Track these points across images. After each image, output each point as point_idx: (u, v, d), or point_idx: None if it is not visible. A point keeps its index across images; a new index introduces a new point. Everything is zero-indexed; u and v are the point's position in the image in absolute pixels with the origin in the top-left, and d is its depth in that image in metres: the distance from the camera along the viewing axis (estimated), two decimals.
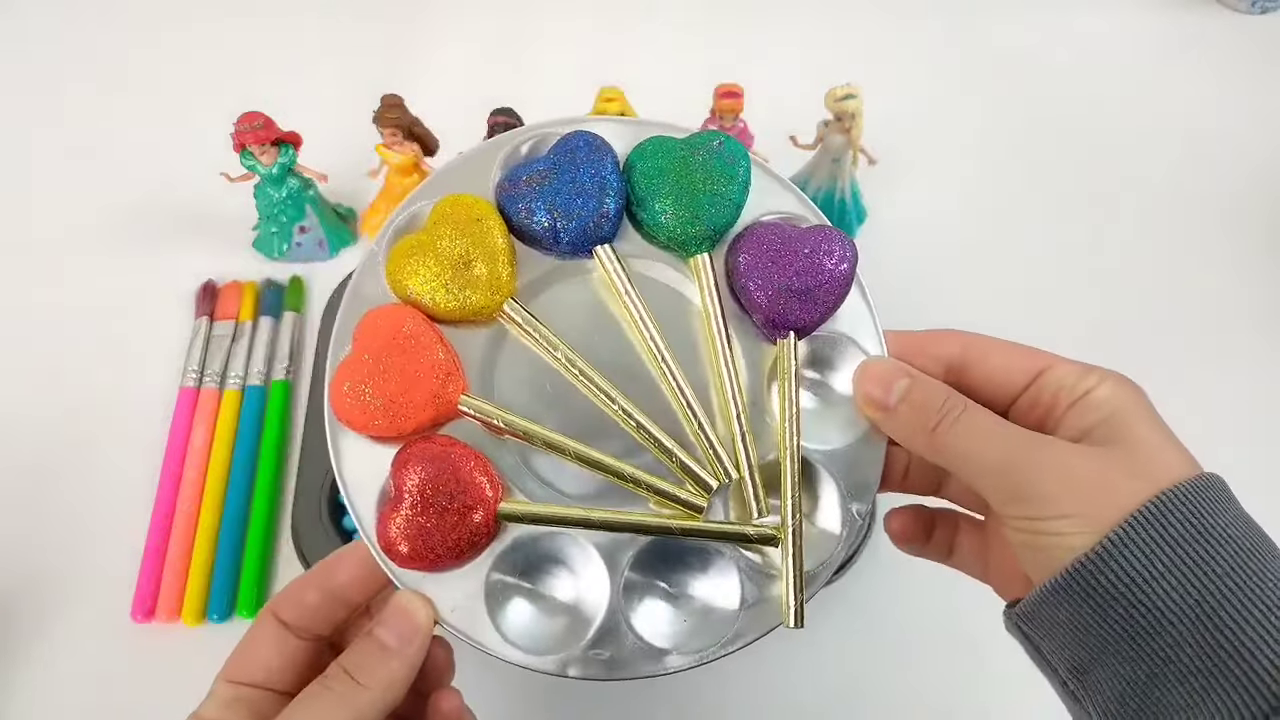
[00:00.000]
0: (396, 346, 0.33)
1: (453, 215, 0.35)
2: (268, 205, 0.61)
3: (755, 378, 0.36)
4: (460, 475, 0.32)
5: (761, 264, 0.35)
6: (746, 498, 0.34)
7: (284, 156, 0.59)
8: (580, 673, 0.33)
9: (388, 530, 0.32)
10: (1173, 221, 0.68)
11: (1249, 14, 0.79)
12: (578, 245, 0.35)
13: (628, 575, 0.33)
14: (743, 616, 0.33)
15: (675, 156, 0.35)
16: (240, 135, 0.57)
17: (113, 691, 0.50)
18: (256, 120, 0.56)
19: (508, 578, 0.33)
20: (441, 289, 0.34)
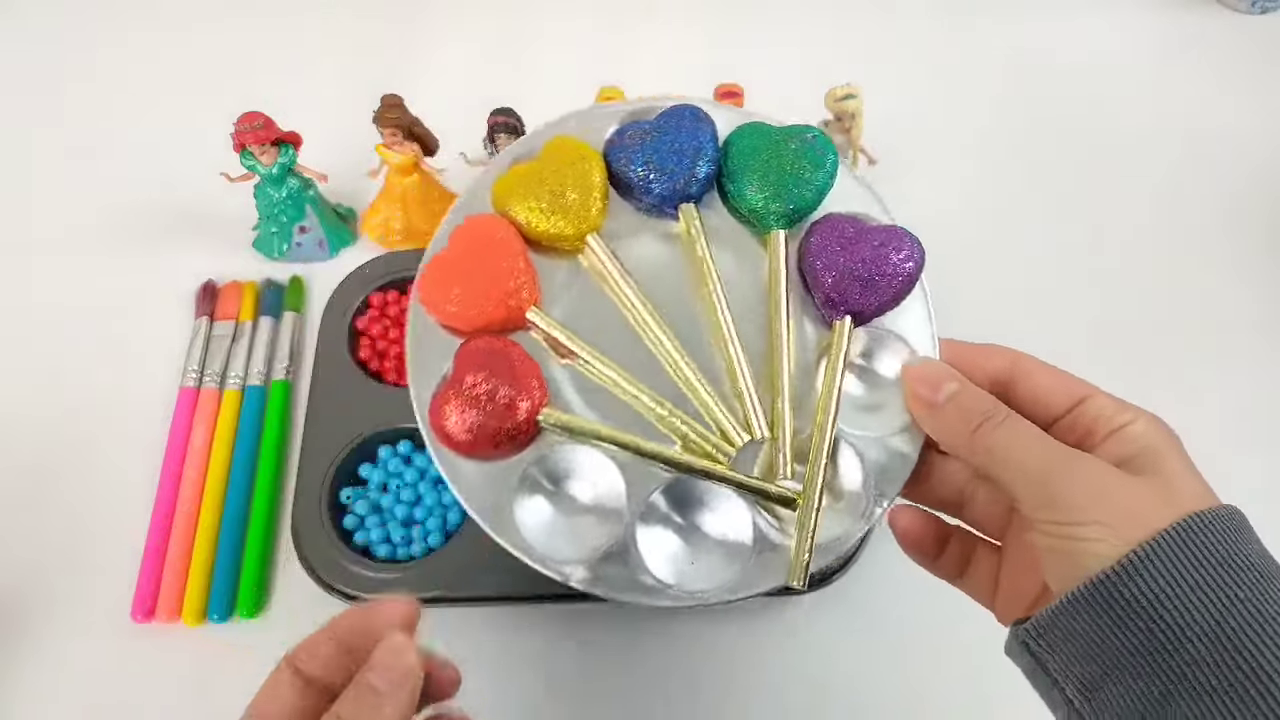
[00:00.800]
0: (485, 248, 0.37)
1: (560, 152, 0.38)
2: (268, 205, 0.61)
3: (807, 358, 0.37)
4: (514, 371, 0.35)
5: (831, 247, 0.37)
6: (775, 459, 0.35)
7: (284, 156, 0.59)
8: (582, 585, 0.34)
9: (441, 407, 0.35)
10: (1173, 221, 0.68)
11: (1249, 14, 0.79)
12: (666, 199, 0.38)
13: (647, 506, 0.35)
14: (748, 571, 0.35)
15: (770, 140, 0.38)
16: (240, 135, 0.57)
17: (113, 691, 0.50)
18: (256, 120, 0.56)
19: (535, 481, 0.35)
20: (537, 212, 0.37)
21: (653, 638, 0.52)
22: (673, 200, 0.38)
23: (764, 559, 0.35)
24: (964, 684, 0.51)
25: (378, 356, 0.59)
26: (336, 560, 0.51)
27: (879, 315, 0.37)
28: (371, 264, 0.62)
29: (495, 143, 0.58)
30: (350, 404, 0.56)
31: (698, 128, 0.38)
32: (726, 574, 0.35)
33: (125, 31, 0.78)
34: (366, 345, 0.59)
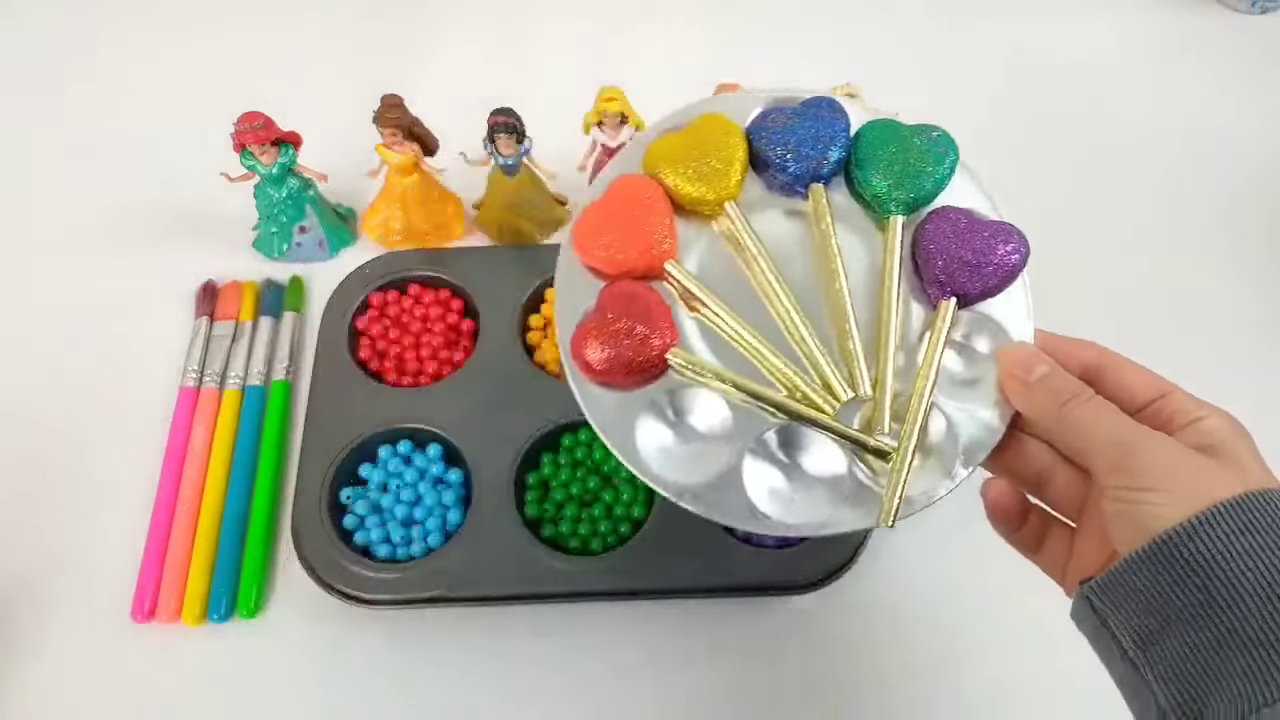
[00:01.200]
0: (635, 203, 0.41)
1: (708, 126, 0.43)
2: (268, 205, 0.61)
3: (910, 332, 0.41)
4: (650, 311, 0.39)
5: (945, 234, 0.40)
6: (875, 416, 0.39)
7: (284, 156, 0.59)
8: (690, 505, 0.38)
9: (582, 338, 0.39)
10: (1173, 221, 0.68)
11: (1249, 14, 0.79)
12: (798, 178, 0.42)
13: (757, 443, 0.39)
14: (840, 512, 0.38)
15: (898, 135, 0.42)
16: (240, 135, 0.57)
17: (113, 691, 0.50)
18: (256, 120, 0.56)
19: (660, 410, 0.39)
20: (683, 177, 0.41)
21: (653, 637, 0.52)
22: (804, 179, 0.42)
23: (856, 503, 0.38)
24: (964, 683, 0.51)
25: (378, 356, 0.59)
26: (336, 560, 0.51)
27: (982, 300, 0.41)
28: (371, 264, 0.62)
29: (495, 143, 0.58)
30: (350, 404, 0.56)
31: (834, 118, 0.43)
32: (820, 512, 0.38)
33: (125, 32, 0.78)
34: (366, 345, 0.59)
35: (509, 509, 0.52)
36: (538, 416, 0.55)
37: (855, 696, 0.50)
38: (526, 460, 0.54)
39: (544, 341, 0.59)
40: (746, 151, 0.42)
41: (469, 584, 0.51)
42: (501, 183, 0.60)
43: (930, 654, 0.52)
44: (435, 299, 0.61)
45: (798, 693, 0.50)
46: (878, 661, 0.51)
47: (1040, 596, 0.53)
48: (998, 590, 0.53)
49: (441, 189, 0.63)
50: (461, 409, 0.56)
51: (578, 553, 0.52)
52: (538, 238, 0.65)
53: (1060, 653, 0.52)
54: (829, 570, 0.51)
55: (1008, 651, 0.52)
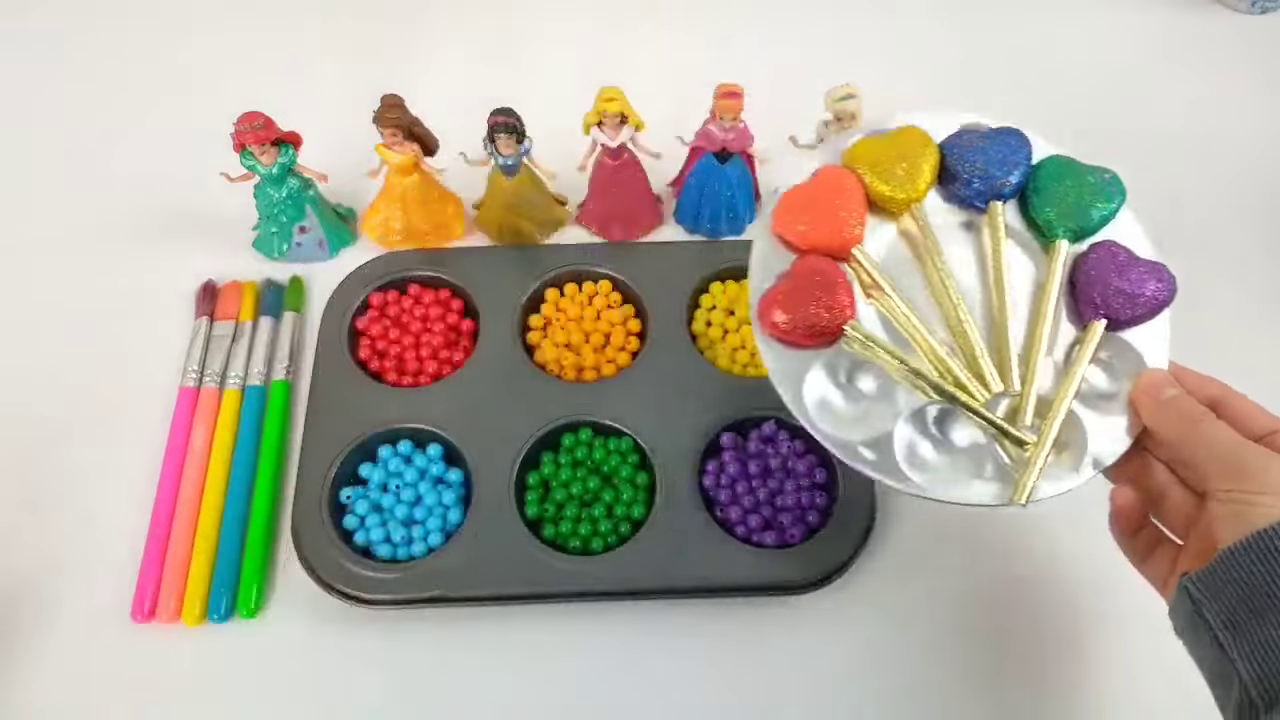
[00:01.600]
0: (835, 191, 0.46)
1: (906, 136, 0.48)
2: (267, 205, 0.61)
3: (1057, 346, 0.46)
4: (834, 281, 0.44)
5: (1104, 264, 0.46)
6: (1020, 408, 0.44)
7: (284, 156, 0.59)
8: (842, 455, 0.43)
9: (772, 296, 0.45)
10: (1172, 221, 0.67)
11: (1249, 14, 0.79)
12: (979, 195, 0.47)
13: (913, 414, 0.44)
14: (978, 488, 0.43)
15: (1075, 171, 0.48)
16: (240, 135, 0.57)
17: (113, 691, 0.50)
18: (256, 120, 0.56)
19: (832, 370, 0.45)
20: (878, 176, 0.47)
21: (652, 636, 0.52)
22: (985, 196, 0.47)
23: (992, 481, 0.43)
24: (963, 682, 0.51)
25: (378, 356, 0.59)
26: (337, 560, 0.51)
27: (1128, 327, 0.46)
28: (371, 264, 0.62)
29: (495, 143, 0.58)
30: (350, 404, 0.56)
31: (1020, 146, 0.48)
32: (960, 485, 0.43)
33: (125, 32, 0.78)
34: (367, 345, 0.59)
35: (509, 509, 0.52)
36: (538, 416, 0.55)
37: (855, 696, 0.50)
38: (527, 460, 0.54)
39: (544, 341, 0.59)
40: (937, 163, 0.48)
41: (469, 584, 0.51)
42: (501, 183, 0.60)
43: (930, 653, 0.52)
44: (435, 299, 0.61)
45: (797, 692, 0.50)
46: (877, 661, 0.51)
47: (1037, 597, 0.53)
48: (997, 589, 0.54)
49: (441, 189, 0.63)
50: (462, 409, 0.56)
51: (578, 553, 0.52)
52: (538, 238, 0.65)
53: (1059, 653, 0.52)
54: (828, 570, 0.51)
55: (1007, 650, 0.52)
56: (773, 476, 0.54)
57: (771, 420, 0.55)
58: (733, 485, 0.54)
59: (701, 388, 0.57)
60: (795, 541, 0.52)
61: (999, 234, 0.47)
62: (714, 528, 0.52)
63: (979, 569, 0.54)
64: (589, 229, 0.66)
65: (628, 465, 0.54)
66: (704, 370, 0.58)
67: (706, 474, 0.54)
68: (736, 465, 0.54)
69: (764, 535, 0.52)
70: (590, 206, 0.65)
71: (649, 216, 0.65)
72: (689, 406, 0.56)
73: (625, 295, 0.61)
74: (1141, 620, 0.53)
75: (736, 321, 0.60)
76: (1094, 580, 0.53)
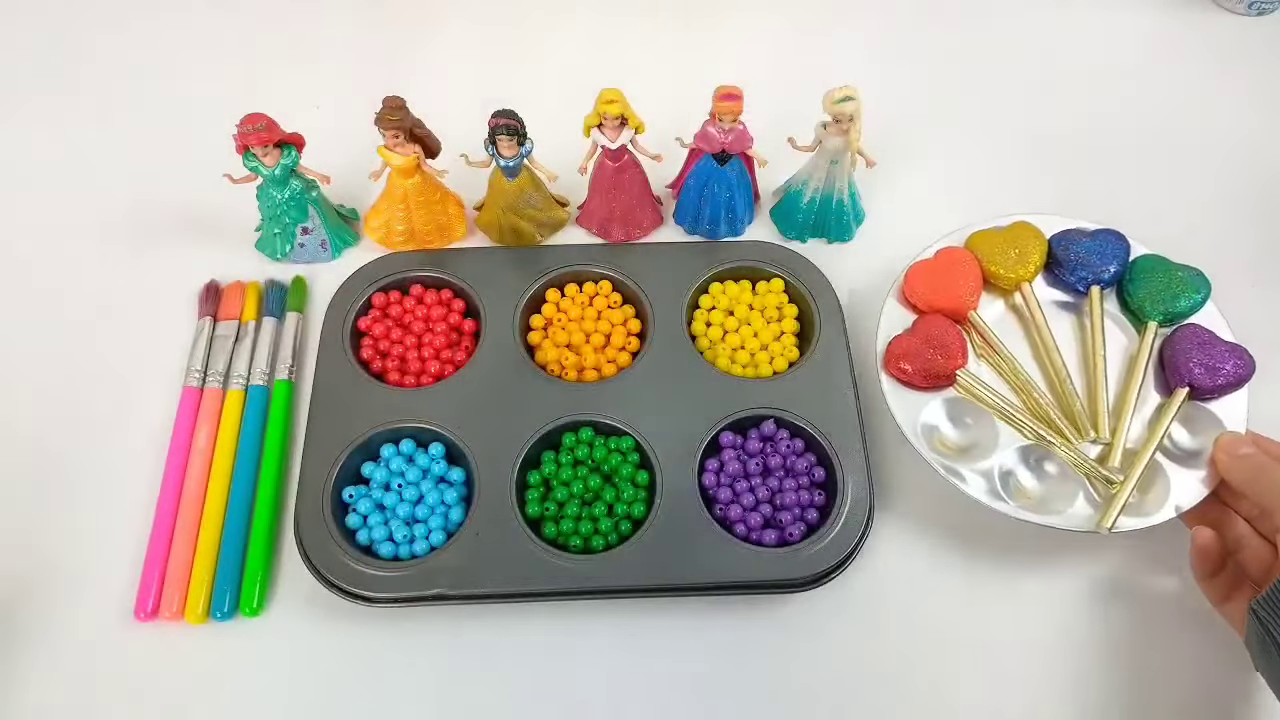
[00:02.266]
0: (957, 265, 0.58)
1: (1019, 230, 0.60)
2: (270, 206, 0.61)
3: (1145, 410, 0.55)
4: (950, 336, 0.55)
5: (1189, 341, 0.55)
6: (1110, 455, 0.53)
7: (286, 158, 0.59)
8: (958, 483, 0.52)
9: (896, 346, 0.56)
10: (1172, 221, 0.68)
11: (1245, 15, 0.80)
12: (1081, 280, 0.58)
13: (1019, 451, 0.53)
14: (1067, 515, 0.51)
15: (1166, 266, 0.58)
16: (243, 137, 0.57)
17: (116, 690, 0.50)
18: (259, 122, 0.57)
19: (948, 410, 0.55)
20: (994, 259, 0.59)
21: (652, 635, 0.52)
22: (1086, 282, 0.58)
23: (1078, 512, 0.51)
24: (962, 682, 0.51)
25: (380, 356, 0.59)
26: (339, 559, 0.51)
27: (1211, 398, 0.54)
28: (373, 264, 0.62)
29: (496, 144, 0.58)
30: (353, 404, 0.56)
31: (1120, 243, 0.59)
32: (1051, 513, 0.51)
33: (126, 33, 0.78)
34: (369, 345, 0.59)
35: (511, 508, 0.53)
36: (539, 416, 0.56)
37: (855, 694, 0.51)
38: (528, 459, 0.55)
39: (545, 341, 0.60)
40: (1045, 252, 0.59)
41: (471, 582, 0.51)
42: (502, 184, 0.61)
43: (929, 650, 0.52)
44: (437, 299, 0.61)
45: (797, 690, 0.51)
46: (877, 658, 0.52)
47: (1035, 598, 0.54)
48: (996, 587, 0.54)
49: (443, 190, 0.63)
50: (463, 409, 0.56)
51: (579, 551, 0.52)
52: (538, 239, 0.65)
53: (1057, 651, 0.52)
54: (828, 568, 0.51)
55: (1006, 649, 0.52)
56: (772, 475, 0.54)
57: (771, 419, 0.56)
58: (733, 484, 0.54)
59: (701, 387, 0.57)
60: (795, 540, 0.52)
61: (1098, 312, 0.57)
62: (714, 526, 0.52)
63: (979, 568, 0.54)
64: (589, 230, 0.66)
65: (628, 464, 0.54)
66: (704, 370, 0.58)
67: (706, 473, 0.54)
68: (736, 464, 0.54)
69: (764, 534, 0.52)
70: (590, 208, 0.65)
71: (649, 218, 0.65)
72: (689, 406, 0.56)
73: (625, 296, 0.62)
74: (1142, 621, 0.54)
75: (736, 322, 0.60)
76: (1092, 583, 0.54)
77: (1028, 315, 0.58)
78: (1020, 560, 0.54)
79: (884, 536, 0.55)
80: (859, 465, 0.54)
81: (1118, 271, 0.58)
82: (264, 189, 0.61)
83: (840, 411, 0.56)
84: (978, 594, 0.54)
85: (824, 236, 0.66)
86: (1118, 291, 0.59)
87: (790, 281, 0.61)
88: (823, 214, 0.65)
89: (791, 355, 0.59)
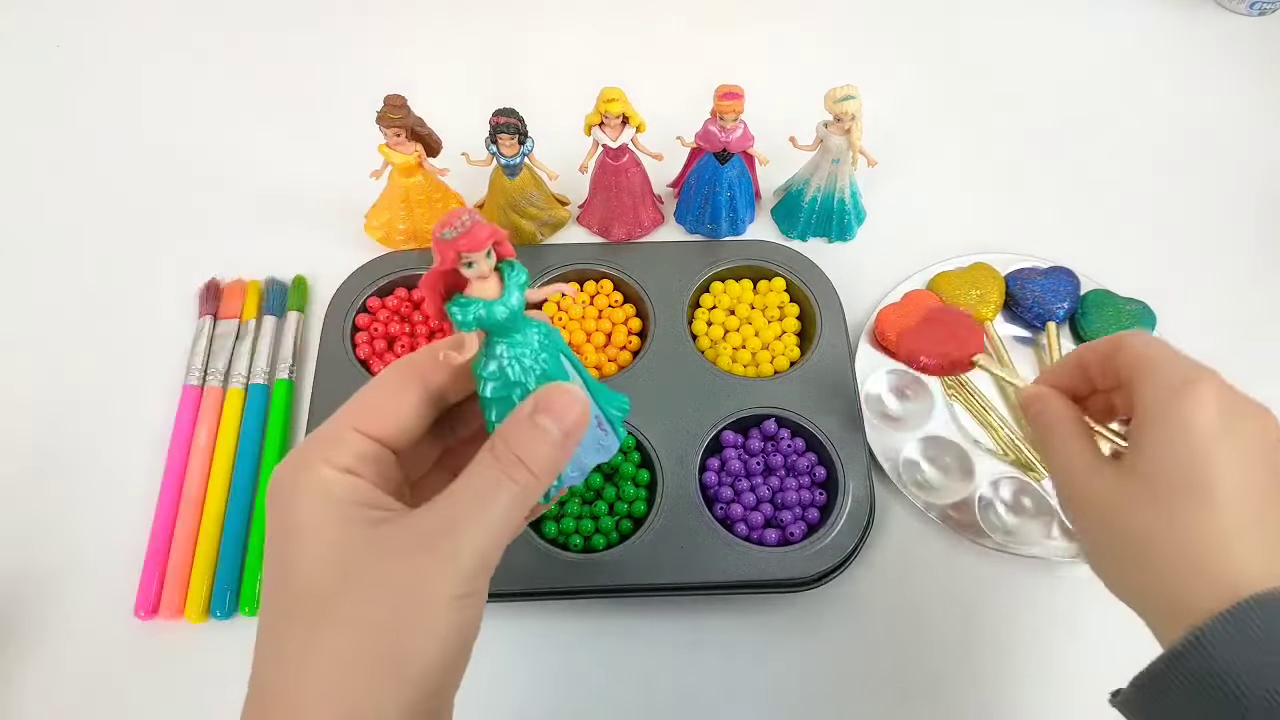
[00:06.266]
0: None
1: (980, 270, 0.63)
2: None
3: None
4: (965, 321, 0.54)
5: None
6: None
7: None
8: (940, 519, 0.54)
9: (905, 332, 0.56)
10: (1172, 222, 0.68)
11: (1246, 15, 0.80)
12: (1038, 316, 0.61)
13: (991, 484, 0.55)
14: (1046, 545, 0.53)
15: (1113, 301, 0.61)
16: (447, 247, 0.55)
17: (116, 689, 0.50)
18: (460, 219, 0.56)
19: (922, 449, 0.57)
20: (956, 299, 0.61)
21: (652, 634, 0.52)
22: (1043, 318, 0.61)
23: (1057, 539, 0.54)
24: (962, 681, 0.51)
25: (380, 355, 0.59)
26: None
27: None
28: (374, 264, 0.62)
29: (497, 143, 0.58)
30: None
31: (1070, 281, 0.62)
32: (1031, 544, 0.53)
33: (126, 31, 0.79)
34: (369, 344, 0.59)
35: None
36: None
37: (857, 692, 0.51)
38: None
39: None
40: (1004, 291, 0.62)
41: None
42: (503, 183, 0.61)
43: (931, 648, 0.52)
44: None
45: (799, 688, 0.51)
46: (879, 657, 0.51)
47: (1033, 595, 0.54)
48: (996, 585, 0.54)
49: (444, 189, 0.63)
50: None
51: (580, 550, 0.52)
52: (539, 238, 0.65)
53: (1055, 651, 0.52)
54: (830, 567, 0.51)
55: (1005, 647, 0.52)
56: (774, 474, 0.54)
57: (772, 418, 0.56)
58: (734, 483, 0.54)
59: (702, 386, 0.57)
60: (796, 539, 0.52)
61: (1054, 345, 0.60)
62: (715, 525, 0.52)
63: (981, 567, 0.54)
64: (590, 229, 0.66)
65: (629, 463, 0.54)
66: (705, 369, 0.58)
67: (708, 472, 0.54)
68: (737, 463, 0.54)
69: (765, 533, 0.52)
70: (591, 207, 0.65)
71: (650, 217, 0.65)
72: (690, 405, 0.56)
73: (626, 295, 0.62)
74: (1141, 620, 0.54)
75: (737, 321, 0.60)
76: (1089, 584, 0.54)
77: (993, 353, 0.58)
78: (1022, 561, 0.54)
79: (886, 535, 0.55)
80: (860, 464, 0.53)
81: (1070, 308, 0.61)
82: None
83: (842, 410, 0.56)
84: (980, 594, 0.53)
85: (825, 236, 0.66)
86: (1072, 326, 0.62)
87: (791, 280, 0.61)
88: (824, 213, 0.65)
89: (793, 354, 0.59)
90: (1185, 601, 0.32)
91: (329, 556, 0.28)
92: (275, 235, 0.66)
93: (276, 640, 0.29)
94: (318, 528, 0.28)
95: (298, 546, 0.28)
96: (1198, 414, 0.33)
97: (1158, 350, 0.36)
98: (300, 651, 0.28)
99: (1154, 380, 0.35)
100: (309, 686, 0.27)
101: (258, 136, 0.71)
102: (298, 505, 0.28)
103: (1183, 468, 0.33)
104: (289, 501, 0.29)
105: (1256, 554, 0.32)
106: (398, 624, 0.27)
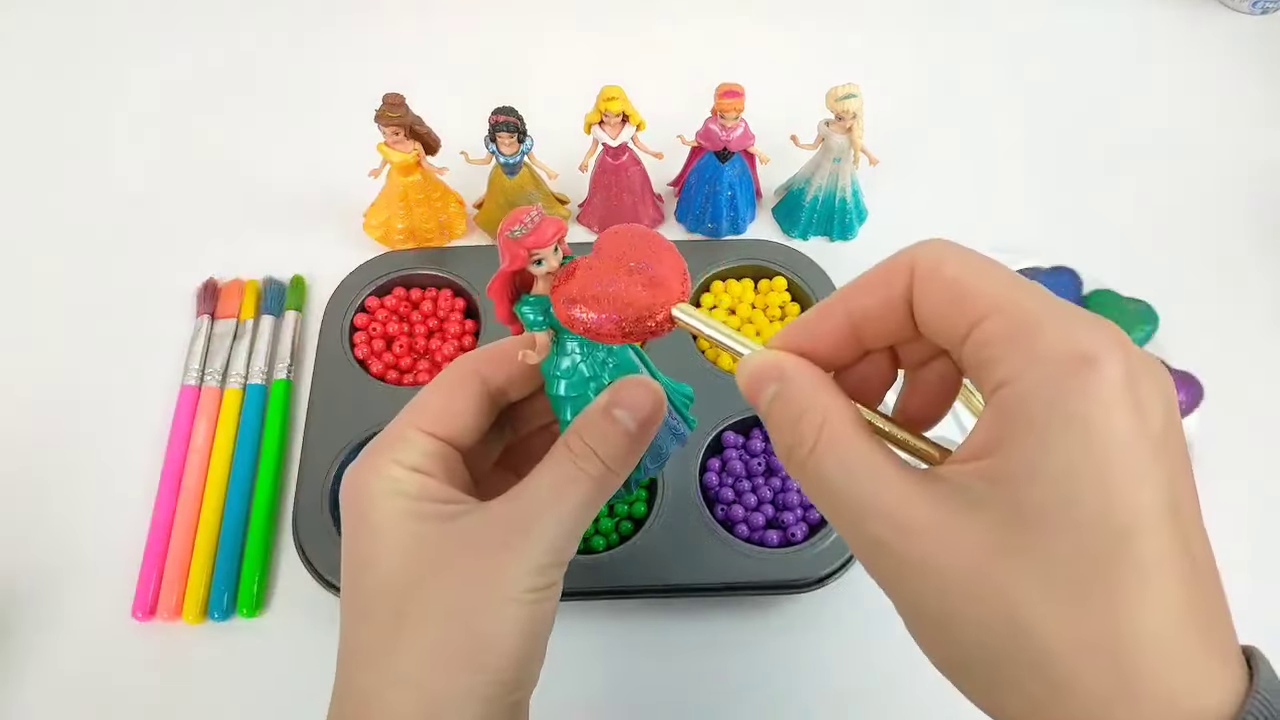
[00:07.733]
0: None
1: None
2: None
3: None
4: (661, 253, 0.29)
5: None
6: None
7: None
8: None
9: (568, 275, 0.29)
10: (1171, 222, 0.68)
11: (1249, 14, 0.79)
12: None
13: None
14: None
15: (1117, 301, 0.59)
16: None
17: (114, 690, 0.50)
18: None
19: None
20: None
21: (655, 635, 0.52)
22: None
23: None
24: None
25: (378, 355, 0.59)
26: (338, 559, 0.51)
27: None
28: (373, 263, 0.62)
29: (497, 141, 0.58)
30: (351, 403, 0.56)
31: (1073, 280, 0.60)
32: None
33: (126, 31, 0.78)
34: (367, 344, 0.59)
35: None
36: None
37: (858, 695, 0.50)
38: None
39: None
40: None
41: None
42: (503, 182, 0.60)
43: None
44: (437, 298, 0.61)
45: (800, 690, 0.50)
46: (881, 659, 0.51)
47: None
48: None
49: (443, 188, 0.63)
50: None
51: (579, 551, 0.52)
52: None
53: None
54: (832, 568, 0.51)
55: None
56: (775, 475, 0.54)
57: None
58: (735, 484, 0.54)
59: (703, 386, 0.56)
60: (798, 540, 0.52)
61: None
62: (716, 526, 0.52)
63: None
64: (590, 228, 0.66)
65: None
66: (706, 369, 0.57)
67: (709, 473, 0.54)
68: (739, 464, 0.54)
69: (766, 534, 0.52)
70: (591, 206, 0.65)
71: (650, 216, 0.65)
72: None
73: None
74: None
75: (738, 321, 0.60)
76: None
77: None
78: None
79: None
80: None
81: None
82: None
83: None
84: None
85: (827, 235, 0.66)
86: None
87: (793, 280, 0.61)
88: (825, 212, 0.64)
89: None
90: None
91: (406, 552, 0.28)
92: (273, 234, 0.66)
93: (359, 637, 0.29)
94: (393, 524, 0.29)
95: (375, 544, 0.29)
96: (1110, 416, 0.20)
97: (1002, 284, 0.22)
98: (384, 647, 0.28)
99: (1016, 347, 0.21)
100: (394, 679, 0.28)
101: (256, 135, 0.71)
102: (372, 504, 0.29)
103: (1093, 514, 0.20)
104: (362, 501, 0.29)
105: (1199, 656, 0.20)
106: (475, 616, 0.28)
